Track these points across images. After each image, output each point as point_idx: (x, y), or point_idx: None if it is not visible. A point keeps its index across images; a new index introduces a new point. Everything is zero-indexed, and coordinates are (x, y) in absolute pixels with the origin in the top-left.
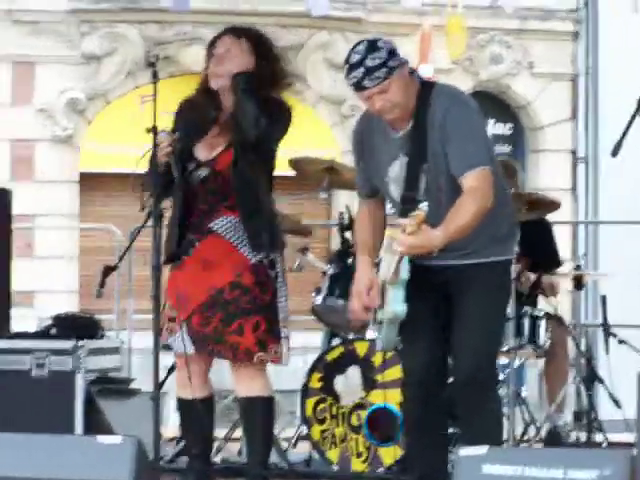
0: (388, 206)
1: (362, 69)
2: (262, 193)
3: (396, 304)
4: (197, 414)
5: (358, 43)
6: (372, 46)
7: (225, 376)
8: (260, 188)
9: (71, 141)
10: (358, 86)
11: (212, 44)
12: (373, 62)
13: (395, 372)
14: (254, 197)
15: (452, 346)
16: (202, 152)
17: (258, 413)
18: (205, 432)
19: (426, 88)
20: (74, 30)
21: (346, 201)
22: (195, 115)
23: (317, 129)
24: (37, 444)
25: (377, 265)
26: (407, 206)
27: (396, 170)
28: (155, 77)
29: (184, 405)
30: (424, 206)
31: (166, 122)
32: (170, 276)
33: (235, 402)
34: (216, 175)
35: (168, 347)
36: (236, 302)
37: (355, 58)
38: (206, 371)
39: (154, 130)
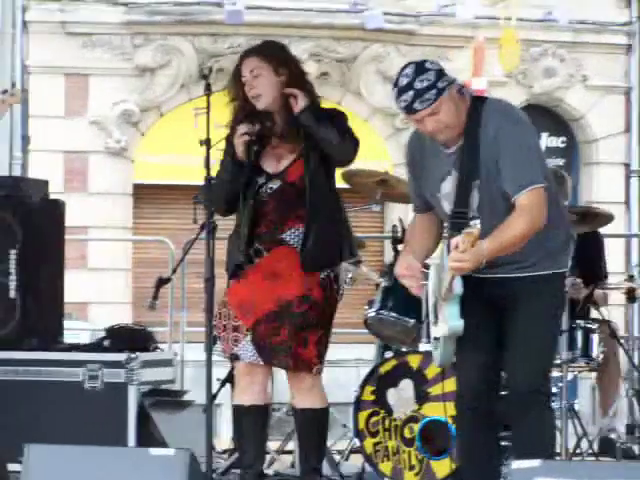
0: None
1: (411, 92)
2: (338, 205)
3: (452, 320)
4: (252, 421)
5: (406, 66)
6: (420, 68)
7: (278, 388)
8: (336, 200)
9: (124, 153)
10: (408, 109)
11: (236, 75)
12: (422, 84)
13: (449, 385)
14: (332, 210)
15: (506, 360)
16: (269, 164)
17: (313, 424)
18: (259, 440)
19: (477, 104)
20: (128, 42)
21: (399, 214)
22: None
23: (370, 142)
24: (90, 456)
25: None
26: (458, 222)
27: (448, 186)
28: (208, 89)
29: (240, 412)
30: (477, 224)
31: (219, 134)
32: (231, 287)
33: (288, 414)
34: (287, 187)
35: (233, 357)
36: (304, 316)
37: (404, 81)
38: (266, 380)
39: (207, 142)
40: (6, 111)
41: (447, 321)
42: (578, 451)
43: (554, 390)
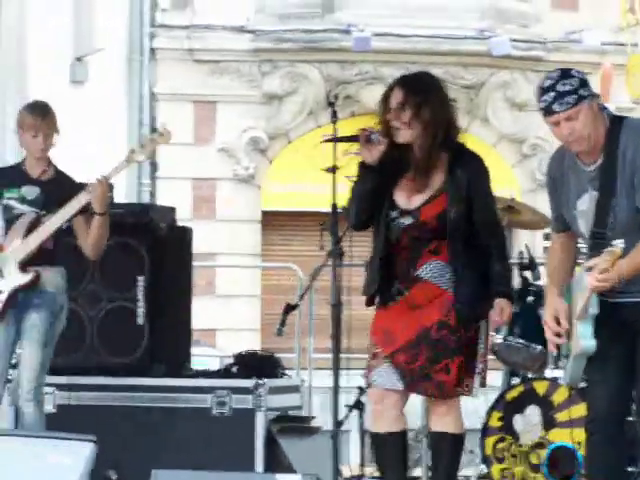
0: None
1: (553, 93)
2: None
3: (585, 339)
4: (393, 448)
5: (553, 70)
6: (565, 73)
7: (405, 414)
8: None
9: (252, 180)
10: (547, 110)
11: (385, 99)
12: (564, 87)
13: (576, 411)
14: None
15: (638, 386)
16: (402, 199)
17: (447, 448)
18: (399, 467)
19: (616, 123)
20: (255, 70)
21: (526, 240)
22: (388, 161)
23: (498, 168)
24: None
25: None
26: (596, 241)
27: (585, 204)
28: (335, 117)
29: (379, 440)
30: (619, 243)
31: (347, 162)
32: (376, 315)
33: (416, 441)
34: (421, 225)
35: (368, 384)
36: (443, 341)
37: (547, 83)
38: (401, 406)
39: (334, 169)
40: (154, 151)
41: (580, 340)
42: None
43: None
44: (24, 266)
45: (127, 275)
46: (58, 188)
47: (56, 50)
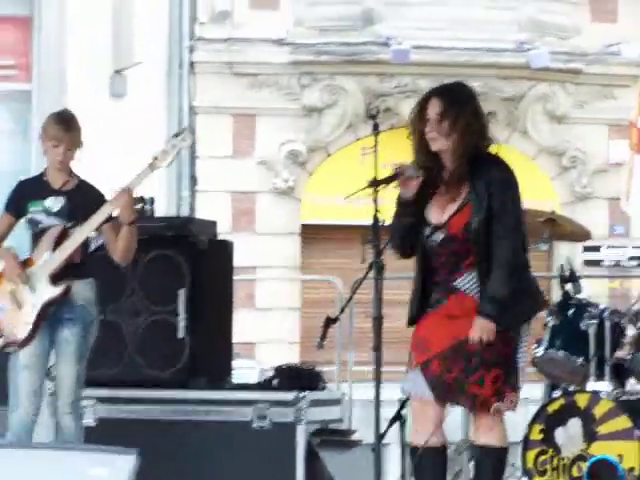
0: None
1: None
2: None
3: None
4: (431, 462)
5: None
6: None
7: (446, 427)
8: (504, 249)
9: (292, 193)
10: None
11: (422, 107)
12: None
13: (617, 424)
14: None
15: None
16: (434, 214)
17: (490, 462)
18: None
19: None
20: (294, 82)
21: (567, 253)
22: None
23: (537, 180)
24: None
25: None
26: None
27: None
28: (376, 129)
29: (417, 453)
30: None
31: (387, 174)
32: (416, 324)
33: (456, 454)
34: (451, 238)
35: (404, 392)
36: (479, 354)
37: None
38: (441, 418)
39: (375, 182)
40: (176, 156)
41: None
42: None
43: None
44: (54, 279)
45: (168, 288)
46: (82, 198)
47: (95, 63)
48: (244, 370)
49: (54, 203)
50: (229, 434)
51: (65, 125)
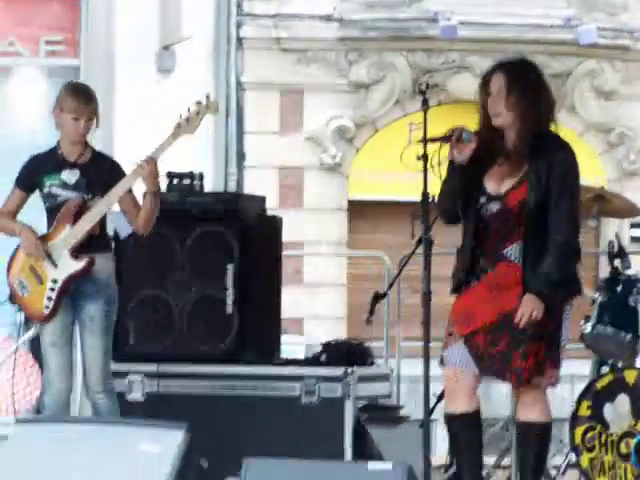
0: None
1: None
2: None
3: None
4: (465, 430)
5: None
6: None
7: (493, 403)
8: (562, 232)
9: (339, 169)
10: None
11: (484, 85)
12: None
13: None
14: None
15: None
16: (491, 185)
17: (534, 438)
18: (473, 450)
19: None
20: (342, 58)
21: (615, 229)
22: (483, 146)
23: (585, 157)
24: (308, 470)
25: None
26: None
27: None
28: (425, 104)
29: (452, 420)
30: None
31: (434, 150)
32: (458, 296)
33: (503, 430)
34: (507, 210)
35: (441, 361)
36: (524, 328)
37: None
38: (474, 387)
39: (425, 157)
40: (200, 124)
41: None
42: None
43: None
44: (75, 253)
45: (216, 264)
46: (99, 170)
47: (143, 39)
48: (291, 345)
49: (69, 176)
50: (277, 409)
51: (85, 98)
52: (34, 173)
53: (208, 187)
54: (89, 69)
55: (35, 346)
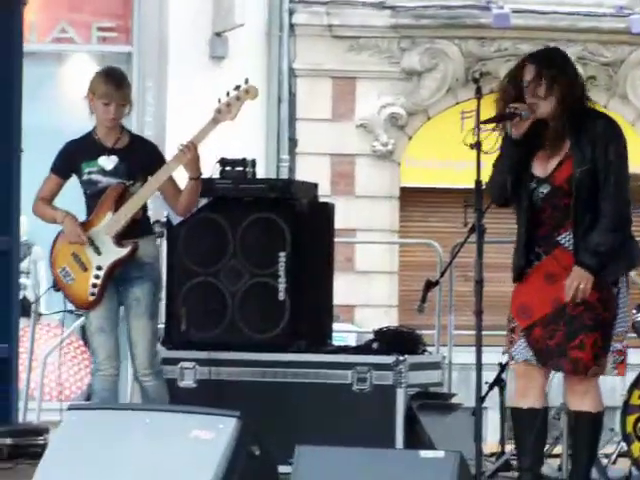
0: None
1: None
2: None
3: None
4: (532, 424)
5: None
6: None
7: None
8: (609, 202)
9: (391, 156)
10: None
11: (514, 75)
12: None
13: None
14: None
15: None
16: (538, 168)
17: (586, 427)
18: (537, 443)
19: None
20: (394, 46)
21: None
22: (528, 133)
23: (636, 145)
24: (360, 458)
25: None
26: None
27: None
28: (479, 93)
29: (519, 415)
30: None
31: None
32: (515, 289)
33: (555, 418)
34: (556, 190)
35: (510, 358)
36: (580, 318)
37: None
38: (543, 383)
39: (478, 145)
40: (240, 109)
41: None
42: None
43: None
44: (119, 239)
45: (269, 251)
46: (138, 155)
47: (196, 25)
48: (343, 333)
49: (107, 162)
50: (329, 397)
51: (115, 83)
52: (71, 159)
53: (260, 174)
54: (141, 56)
55: (84, 333)
